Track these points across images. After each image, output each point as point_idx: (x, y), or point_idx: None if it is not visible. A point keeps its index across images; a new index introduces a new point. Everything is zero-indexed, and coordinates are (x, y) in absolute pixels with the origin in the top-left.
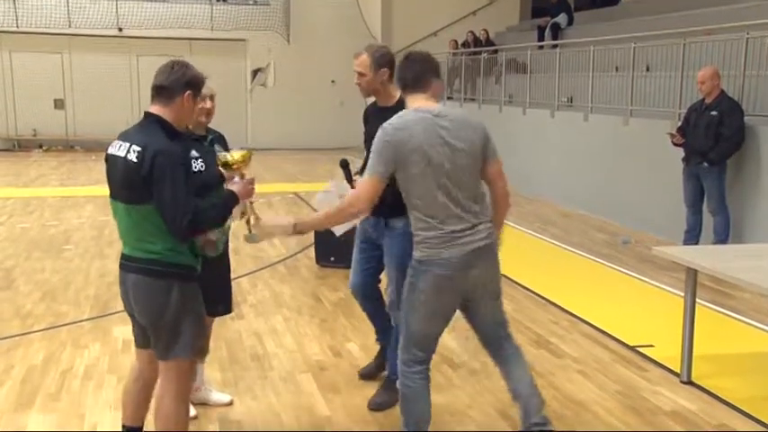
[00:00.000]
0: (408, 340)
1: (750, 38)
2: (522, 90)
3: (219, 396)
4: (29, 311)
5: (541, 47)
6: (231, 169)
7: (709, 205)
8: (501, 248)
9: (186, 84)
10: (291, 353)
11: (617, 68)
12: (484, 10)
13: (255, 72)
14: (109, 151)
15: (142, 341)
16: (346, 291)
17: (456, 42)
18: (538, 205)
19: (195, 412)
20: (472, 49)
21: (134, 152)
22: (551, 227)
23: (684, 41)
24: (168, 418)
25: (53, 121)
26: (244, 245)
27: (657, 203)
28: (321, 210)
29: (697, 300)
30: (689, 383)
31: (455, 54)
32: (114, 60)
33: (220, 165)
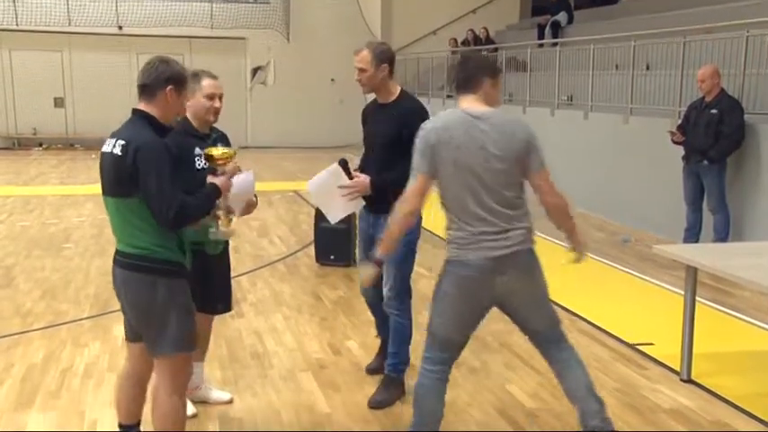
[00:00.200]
0: (431, 340)
1: (750, 36)
2: (522, 88)
3: (219, 394)
4: (29, 310)
5: (541, 45)
6: (214, 163)
7: (709, 203)
8: (582, 257)
9: (167, 80)
10: (291, 351)
11: (617, 67)
12: (484, 8)
13: (255, 70)
14: (101, 149)
15: (132, 335)
16: (346, 289)
17: (456, 41)
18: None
19: (195, 410)
20: (472, 48)
21: (119, 146)
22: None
23: (684, 40)
24: (164, 412)
25: (53, 120)
26: (244, 243)
27: (657, 202)
28: (316, 194)
29: (697, 298)
30: (689, 381)
31: (455, 52)
32: (114, 58)
33: (204, 157)
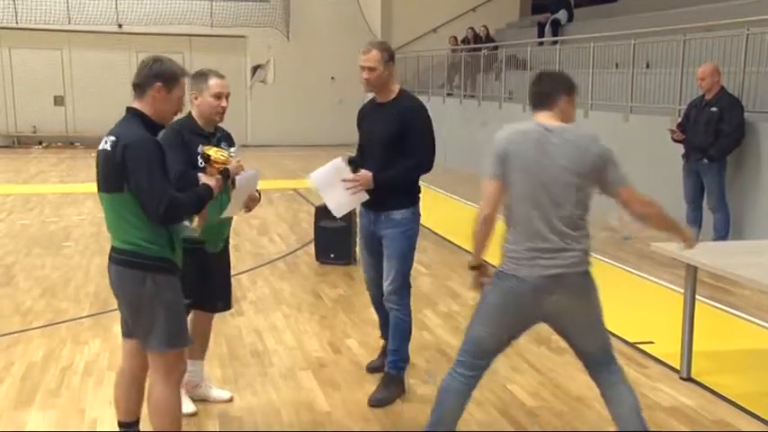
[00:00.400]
0: (465, 344)
1: (750, 34)
2: (522, 87)
3: (219, 393)
4: (29, 308)
5: (541, 43)
6: (208, 163)
7: (709, 202)
8: (693, 244)
9: (155, 76)
10: (291, 349)
11: (617, 65)
12: (484, 6)
13: (255, 69)
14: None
15: (127, 330)
16: (346, 287)
17: (456, 39)
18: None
19: (195, 408)
20: (472, 46)
21: (109, 142)
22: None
23: (684, 38)
24: (159, 406)
25: (53, 118)
26: (244, 242)
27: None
28: (318, 187)
29: (697, 296)
30: (688, 380)
31: (455, 51)
32: (114, 57)
33: (202, 155)
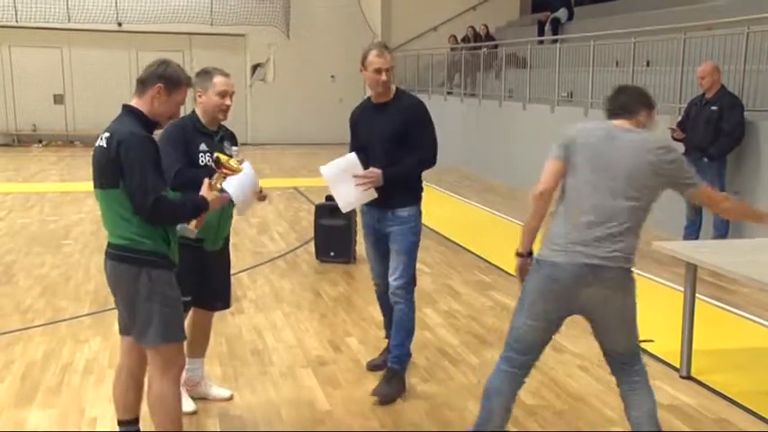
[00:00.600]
0: (508, 338)
1: (750, 32)
2: (522, 85)
3: (219, 391)
4: (29, 306)
5: (541, 42)
6: (218, 168)
7: None
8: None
9: (159, 77)
10: (291, 348)
11: (617, 63)
12: (484, 5)
13: (255, 67)
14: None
15: (124, 327)
16: (346, 286)
17: (455, 37)
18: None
19: (195, 407)
20: (472, 44)
21: (104, 138)
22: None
23: (685, 36)
24: (157, 402)
25: (53, 117)
26: (244, 240)
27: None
28: (328, 180)
29: (697, 295)
30: (688, 378)
31: (454, 49)
32: (114, 55)
33: (214, 160)
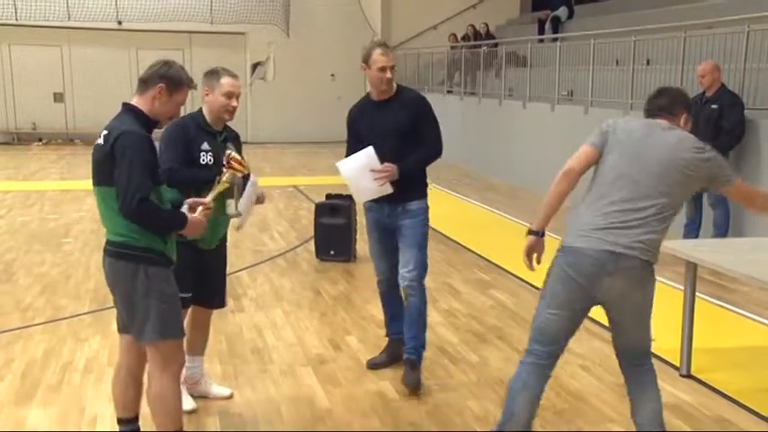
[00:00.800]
0: (532, 330)
1: (751, 31)
2: (523, 84)
3: (219, 389)
4: (29, 305)
5: (542, 40)
6: (229, 164)
7: (708, 198)
8: None
9: (161, 77)
10: (291, 346)
11: (617, 62)
12: (484, 3)
13: (255, 66)
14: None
15: (123, 325)
16: (346, 284)
17: (455, 36)
18: (538, 199)
19: (194, 405)
20: (472, 43)
21: (102, 136)
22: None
23: (685, 35)
24: (157, 399)
25: (52, 115)
26: (244, 239)
27: None
28: (346, 175)
29: (697, 293)
30: (688, 377)
31: (455, 47)
32: (114, 54)
33: (227, 156)
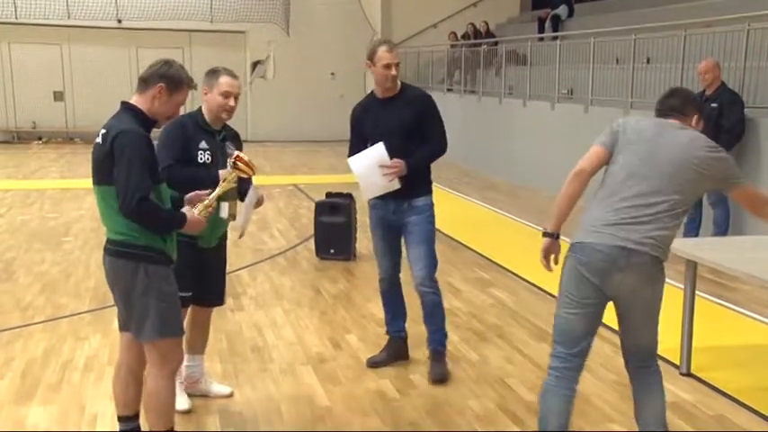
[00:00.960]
0: (554, 335)
1: (751, 29)
2: (523, 82)
3: (219, 388)
4: (29, 303)
5: (542, 39)
6: (236, 166)
7: (708, 197)
8: None
9: (160, 76)
10: (291, 345)
11: (617, 60)
12: (484, 2)
13: (255, 64)
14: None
15: (123, 324)
16: (346, 283)
17: (455, 35)
18: (538, 197)
19: (189, 406)
20: (472, 41)
21: (101, 135)
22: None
23: (685, 33)
24: (152, 397)
25: (52, 114)
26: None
27: None
28: (356, 170)
29: (696, 292)
30: (688, 375)
31: (455, 46)
32: (114, 52)
33: (235, 157)
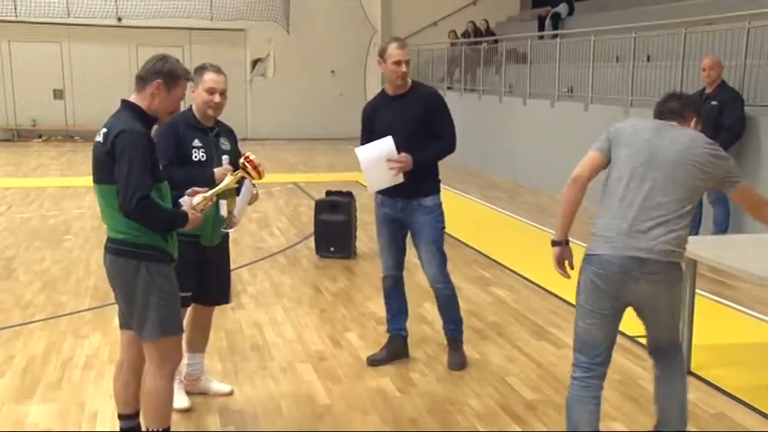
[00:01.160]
0: (575, 343)
1: (751, 27)
2: (523, 80)
3: (220, 386)
4: (29, 301)
5: (542, 37)
6: (243, 166)
7: (708, 195)
8: None
9: (157, 72)
10: (291, 343)
11: (617, 58)
12: (484, 0)
13: (255, 62)
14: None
15: (124, 321)
16: (346, 281)
17: (455, 33)
18: (538, 196)
19: (188, 404)
20: (472, 39)
21: (102, 134)
22: (551, 217)
23: (685, 31)
24: (150, 396)
25: (52, 112)
26: (244, 235)
27: None
28: (363, 161)
29: (696, 290)
30: (688, 373)
31: (455, 44)
32: (113, 50)
33: (245, 158)
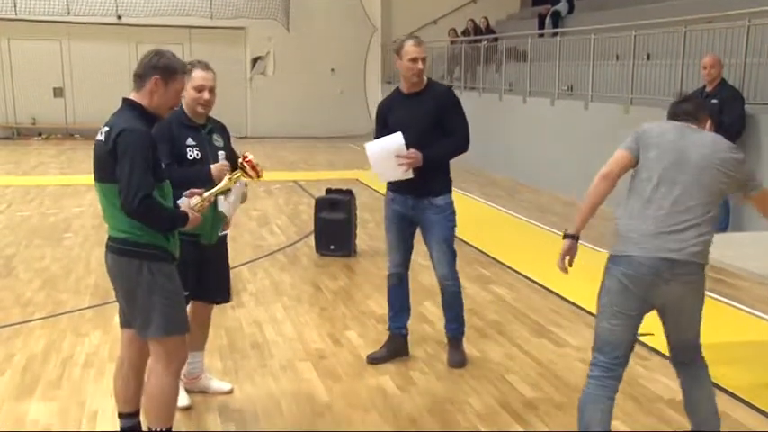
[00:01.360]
0: (594, 342)
1: (751, 26)
2: (523, 78)
3: (219, 384)
4: (29, 299)
5: (542, 35)
6: (243, 167)
7: None
8: None
9: (153, 68)
10: (291, 341)
11: (617, 57)
12: None
13: (255, 60)
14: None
15: (124, 320)
16: (346, 279)
17: (455, 31)
18: (538, 194)
19: (189, 402)
20: (472, 38)
21: (103, 132)
22: (551, 215)
23: (685, 29)
24: (155, 394)
25: (52, 110)
26: (244, 233)
27: None
28: (372, 155)
29: None
30: None
31: (455, 42)
32: (113, 48)
33: (243, 158)
